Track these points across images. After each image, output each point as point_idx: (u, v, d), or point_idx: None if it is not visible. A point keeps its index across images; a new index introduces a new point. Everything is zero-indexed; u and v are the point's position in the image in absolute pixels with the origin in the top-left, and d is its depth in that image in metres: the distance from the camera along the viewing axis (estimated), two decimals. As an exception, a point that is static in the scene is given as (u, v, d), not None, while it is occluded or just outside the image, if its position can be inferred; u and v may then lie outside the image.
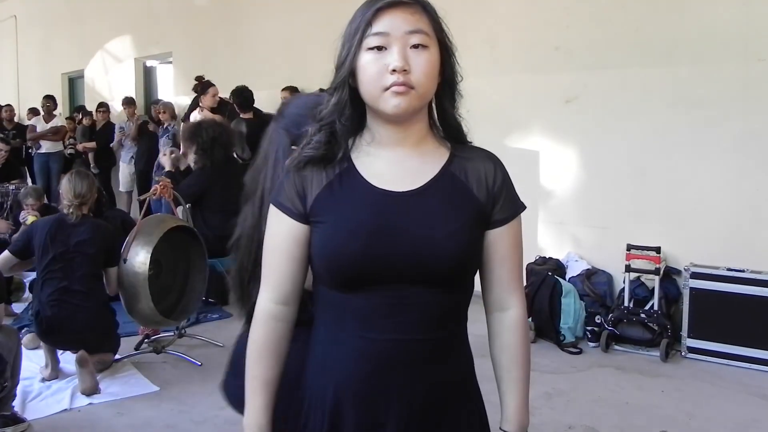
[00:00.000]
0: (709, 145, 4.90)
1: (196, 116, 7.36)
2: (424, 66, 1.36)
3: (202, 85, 7.51)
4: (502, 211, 1.46)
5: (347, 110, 1.43)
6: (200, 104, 7.47)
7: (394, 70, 1.34)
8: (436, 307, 1.41)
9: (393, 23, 1.36)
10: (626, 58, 5.26)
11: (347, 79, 1.41)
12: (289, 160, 1.51)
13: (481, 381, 1.57)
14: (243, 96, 7.16)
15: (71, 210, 4.28)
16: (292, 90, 7.44)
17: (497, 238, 1.46)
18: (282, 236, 1.47)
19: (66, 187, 4.38)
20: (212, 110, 7.30)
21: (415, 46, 1.36)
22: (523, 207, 1.50)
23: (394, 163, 1.44)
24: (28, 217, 5.33)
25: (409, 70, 1.35)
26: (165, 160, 5.82)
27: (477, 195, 1.44)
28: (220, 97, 7.44)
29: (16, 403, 3.76)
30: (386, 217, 1.39)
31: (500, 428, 1.53)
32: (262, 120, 7.00)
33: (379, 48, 1.36)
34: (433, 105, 1.48)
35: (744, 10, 4.76)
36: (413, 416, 1.42)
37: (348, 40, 1.41)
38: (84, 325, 4.20)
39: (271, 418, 1.53)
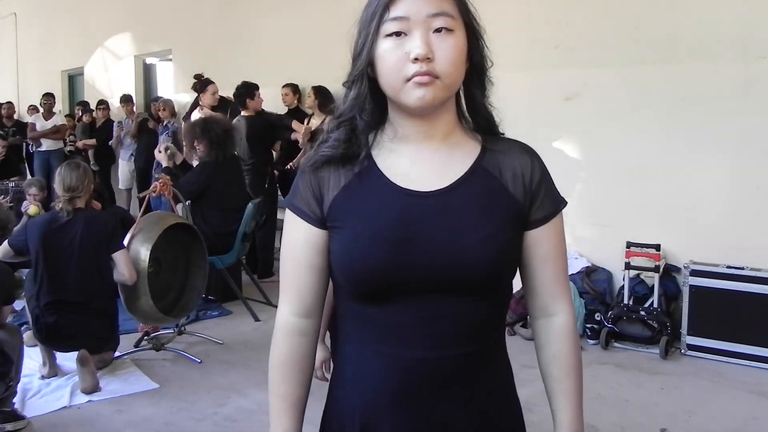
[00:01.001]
0: (709, 143, 4.90)
1: (197, 115, 7.34)
2: (449, 52, 1.21)
3: (201, 83, 7.44)
4: (542, 208, 1.32)
5: (368, 104, 1.28)
6: (200, 103, 7.43)
7: (416, 59, 1.19)
8: (470, 317, 1.27)
9: (413, 5, 1.21)
10: (626, 55, 5.26)
11: (365, 71, 1.27)
12: (304, 159, 1.38)
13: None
14: (239, 91, 6.95)
15: (61, 206, 4.19)
16: (293, 87, 7.44)
17: (538, 238, 1.32)
18: (299, 243, 1.33)
19: (56, 181, 4.31)
20: (213, 109, 7.25)
21: (439, 30, 1.21)
22: (564, 203, 1.38)
23: (420, 160, 1.29)
24: (30, 206, 5.30)
25: (432, 57, 1.20)
26: (161, 156, 5.82)
27: (513, 192, 1.30)
28: (220, 96, 7.39)
29: (16, 400, 3.76)
30: (412, 221, 1.25)
31: None
32: (263, 118, 6.99)
33: (398, 34, 1.21)
34: (461, 94, 1.35)
35: (744, 8, 4.75)
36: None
37: (364, 27, 1.26)
38: (84, 332, 4.20)
39: None
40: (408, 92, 1.22)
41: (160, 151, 5.93)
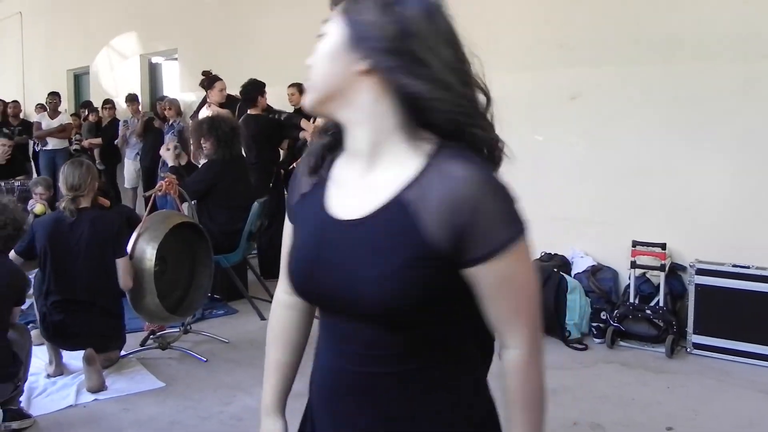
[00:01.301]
0: (714, 142, 4.89)
1: (205, 113, 7.32)
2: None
3: (209, 80, 7.37)
4: (475, 249, 1.19)
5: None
6: (208, 100, 7.39)
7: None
8: (375, 342, 1.27)
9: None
10: (627, 55, 5.25)
11: None
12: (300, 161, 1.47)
13: (493, 377, 1.44)
14: (247, 89, 6.95)
15: (65, 205, 4.19)
16: (299, 87, 7.39)
17: (475, 277, 1.22)
18: (287, 233, 1.43)
19: (60, 180, 4.32)
20: (220, 106, 7.20)
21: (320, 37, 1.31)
22: (514, 235, 1.22)
23: (353, 180, 1.29)
24: (36, 205, 5.31)
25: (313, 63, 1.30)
26: (168, 155, 5.82)
27: (430, 232, 1.18)
28: (228, 93, 7.34)
29: (22, 399, 3.76)
30: (324, 247, 1.28)
31: None
32: (271, 116, 6.96)
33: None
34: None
35: (745, 8, 4.75)
36: None
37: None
38: (91, 330, 4.20)
39: (279, 400, 1.53)
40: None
41: (168, 149, 5.93)
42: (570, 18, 5.57)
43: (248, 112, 6.88)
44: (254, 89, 6.84)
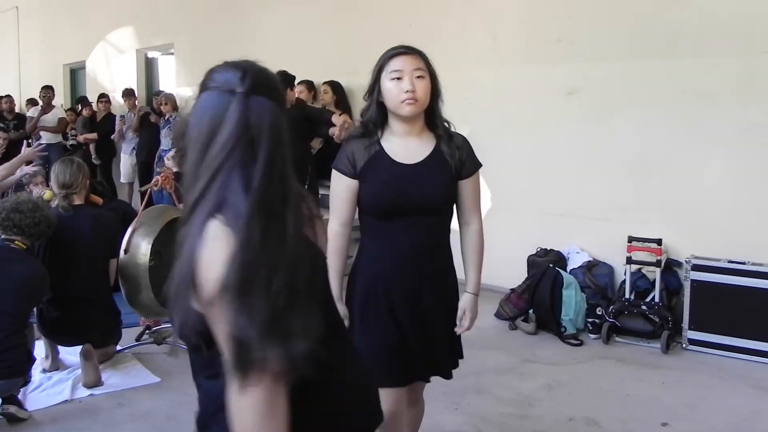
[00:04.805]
0: (711, 137, 4.90)
1: None
2: (424, 88, 2.36)
3: None
4: (467, 169, 2.49)
5: (376, 115, 2.43)
6: None
7: (407, 91, 2.32)
8: (431, 225, 2.45)
9: (404, 64, 2.35)
10: (628, 49, 5.25)
11: (376, 98, 2.40)
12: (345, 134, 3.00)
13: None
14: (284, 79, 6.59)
15: (58, 202, 4.22)
16: (308, 84, 7.22)
17: (465, 185, 2.49)
18: (342, 188, 2.45)
19: (52, 178, 4.33)
20: None
21: (419, 77, 2.35)
22: (479, 165, 2.52)
23: (405, 145, 2.44)
24: (45, 191, 5.24)
25: (415, 90, 2.33)
26: (170, 163, 5.79)
27: (451, 163, 2.44)
28: None
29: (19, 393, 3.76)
30: (402, 178, 2.39)
31: (465, 291, 2.55)
32: (301, 110, 6.59)
33: (398, 78, 2.33)
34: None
35: (745, 2, 4.75)
36: (428, 282, 2.45)
37: (376, 74, 2.41)
38: (89, 326, 4.21)
39: (341, 291, 2.48)
40: (402, 108, 2.36)
41: (168, 159, 5.91)
42: (570, 12, 5.57)
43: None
44: (283, 82, 6.54)
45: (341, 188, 2.46)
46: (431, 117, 2.45)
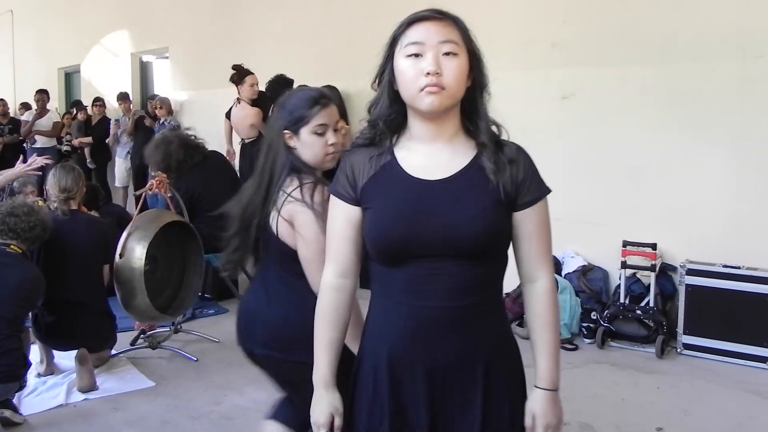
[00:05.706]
0: (706, 142, 4.90)
1: (235, 111, 7.13)
2: (454, 71, 1.57)
3: (239, 74, 6.95)
4: (527, 195, 1.66)
5: (389, 111, 1.66)
6: (238, 95, 7.09)
7: (428, 73, 1.55)
8: (465, 277, 1.61)
9: (427, 34, 1.57)
10: (623, 54, 5.26)
11: (388, 86, 1.64)
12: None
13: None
14: (273, 86, 6.64)
15: (57, 205, 4.23)
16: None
17: (523, 218, 1.67)
18: (339, 219, 1.72)
19: (51, 182, 4.33)
20: (252, 102, 6.94)
21: (447, 54, 1.57)
22: (548, 191, 1.72)
23: (429, 155, 1.65)
24: (38, 202, 5.23)
25: (441, 73, 1.55)
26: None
27: (500, 183, 1.62)
28: (260, 90, 7.02)
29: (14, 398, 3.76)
30: (421, 201, 1.61)
31: (534, 386, 1.73)
32: None
33: (417, 55, 1.57)
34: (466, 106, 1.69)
35: (741, 7, 4.75)
36: (456, 367, 1.64)
37: (388, 49, 1.65)
38: (84, 331, 4.20)
39: (332, 374, 1.75)
40: (421, 99, 1.57)
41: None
42: (566, 16, 5.57)
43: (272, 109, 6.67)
44: (282, 86, 6.55)
45: (338, 220, 1.72)
46: (471, 115, 1.68)
